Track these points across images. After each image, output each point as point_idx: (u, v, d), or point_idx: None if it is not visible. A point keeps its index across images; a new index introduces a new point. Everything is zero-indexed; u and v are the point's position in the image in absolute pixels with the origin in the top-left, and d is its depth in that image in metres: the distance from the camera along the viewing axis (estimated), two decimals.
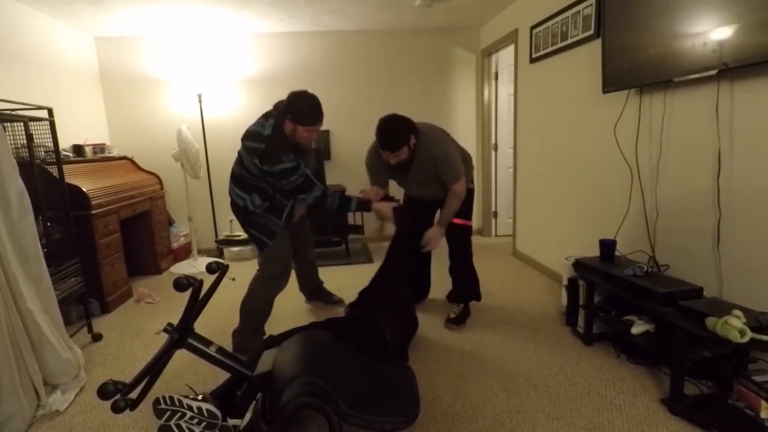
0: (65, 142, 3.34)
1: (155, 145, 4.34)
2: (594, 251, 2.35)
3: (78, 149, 3.46)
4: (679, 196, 2.10)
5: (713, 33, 1.73)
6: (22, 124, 2.32)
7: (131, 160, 4.09)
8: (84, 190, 2.88)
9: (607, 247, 2.27)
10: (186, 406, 1.46)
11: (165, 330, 1.61)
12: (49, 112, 2.43)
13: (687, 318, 1.67)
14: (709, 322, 1.56)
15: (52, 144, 2.48)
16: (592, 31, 2.63)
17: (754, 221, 1.74)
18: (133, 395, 1.46)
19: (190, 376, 2.12)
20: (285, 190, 2.18)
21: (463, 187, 2.35)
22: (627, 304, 2.10)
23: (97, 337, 2.57)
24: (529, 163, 3.68)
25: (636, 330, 2.00)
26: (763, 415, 1.54)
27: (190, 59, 4.27)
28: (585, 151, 2.85)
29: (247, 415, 1.49)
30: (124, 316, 2.94)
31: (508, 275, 3.48)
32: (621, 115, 2.43)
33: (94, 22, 3.71)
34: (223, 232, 4.52)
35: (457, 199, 2.36)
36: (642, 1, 2.07)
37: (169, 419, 1.45)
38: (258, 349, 1.85)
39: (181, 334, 1.60)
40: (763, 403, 1.53)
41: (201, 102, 4.17)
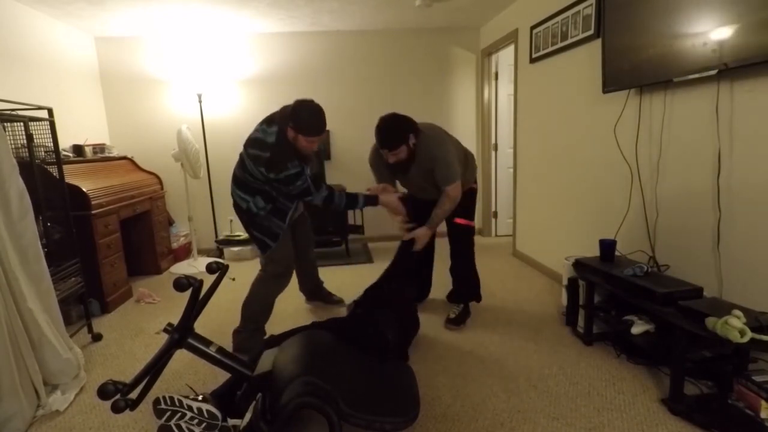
0: (65, 142, 3.34)
1: (155, 145, 4.34)
2: (594, 251, 2.35)
3: (78, 149, 3.46)
4: (679, 196, 2.10)
5: (713, 33, 1.73)
6: (22, 124, 2.32)
7: (131, 160, 4.09)
8: (84, 190, 2.89)
9: (607, 247, 2.27)
10: (186, 407, 1.46)
11: (165, 330, 1.61)
12: (49, 112, 2.43)
13: (687, 318, 1.67)
14: (709, 322, 1.56)
15: (52, 144, 2.48)
16: (592, 31, 2.63)
17: (754, 221, 1.74)
18: (133, 395, 1.47)
19: (190, 376, 2.12)
20: (291, 194, 2.19)
21: (457, 191, 2.30)
22: (627, 304, 2.10)
23: (97, 337, 2.58)
24: (529, 163, 3.68)
25: (636, 330, 2.00)
26: (763, 415, 1.54)
27: (190, 59, 4.28)
28: (585, 151, 2.85)
29: (247, 415, 1.49)
30: (124, 316, 2.94)
31: (508, 275, 3.48)
32: (621, 115, 2.43)
33: (94, 22, 3.71)
34: (223, 232, 4.53)
35: (451, 202, 2.30)
36: (642, 1, 2.07)
37: (169, 419, 1.45)
38: (258, 349, 1.86)
39: (181, 334, 1.60)
40: (763, 403, 1.53)
41: (201, 102, 4.18)
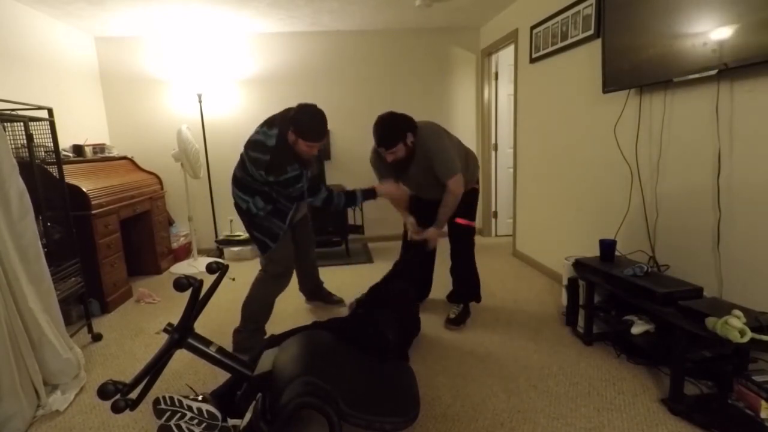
0: (65, 142, 3.34)
1: (155, 145, 4.34)
2: (594, 251, 2.35)
3: (78, 149, 3.46)
4: (679, 196, 2.10)
5: (713, 33, 1.73)
6: (22, 124, 2.32)
7: (131, 160, 4.09)
8: (84, 190, 2.89)
9: (607, 247, 2.27)
10: (186, 407, 1.46)
11: (165, 330, 1.61)
12: (49, 112, 2.43)
13: (687, 318, 1.67)
14: (709, 322, 1.56)
15: (52, 144, 2.48)
16: (592, 31, 2.63)
17: (754, 221, 1.74)
18: (133, 395, 1.47)
19: (190, 376, 2.12)
20: (292, 196, 2.19)
21: (459, 184, 2.29)
22: (627, 304, 2.09)
23: (97, 337, 2.58)
24: (529, 163, 3.68)
25: (636, 330, 2.00)
26: (763, 415, 1.54)
27: (190, 59, 4.27)
28: (585, 151, 2.85)
29: (247, 415, 1.49)
30: (124, 316, 2.94)
31: (508, 275, 3.48)
32: (621, 115, 2.43)
33: (94, 22, 3.71)
34: (223, 232, 4.53)
35: (454, 197, 2.30)
36: (642, 1, 2.07)
37: (168, 419, 1.45)
38: (258, 349, 1.86)
39: (181, 334, 1.60)
40: (763, 403, 1.53)
41: (201, 102, 4.18)
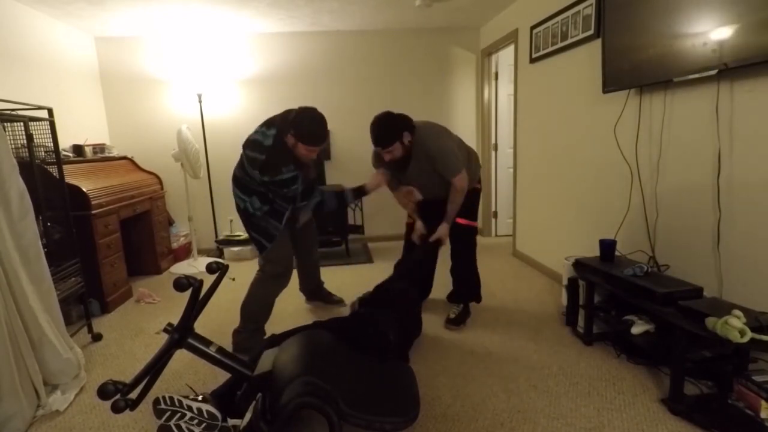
0: (65, 142, 3.34)
1: (155, 145, 4.34)
2: (594, 251, 2.35)
3: (78, 149, 3.46)
4: (679, 195, 2.10)
5: (713, 33, 1.73)
6: (22, 124, 2.32)
7: (131, 160, 4.09)
8: (84, 190, 2.89)
9: (607, 247, 2.27)
10: (186, 407, 1.46)
11: (165, 330, 1.61)
12: (49, 112, 2.43)
13: (687, 318, 1.67)
14: (709, 322, 1.56)
15: (52, 144, 2.48)
16: (592, 31, 2.63)
17: (754, 221, 1.74)
18: (133, 395, 1.47)
19: (190, 376, 2.12)
20: (286, 197, 2.20)
21: (464, 181, 2.32)
22: (627, 304, 2.09)
23: (97, 337, 2.58)
24: (529, 163, 3.68)
25: (636, 330, 2.00)
26: (763, 415, 1.54)
27: (190, 59, 4.27)
28: (585, 151, 2.85)
29: (247, 415, 1.49)
30: (124, 316, 2.94)
31: (508, 275, 3.48)
32: (621, 115, 2.43)
33: (94, 22, 3.71)
34: (223, 232, 4.53)
35: (460, 194, 2.34)
36: (642, 1, 2.07)
37: (168, 419, 1.45)
38: (258, 349, 1.85)
39: (181, 334, 1.60)
40: (763, 403, 1.53)
41: (201, 102, 4.18)
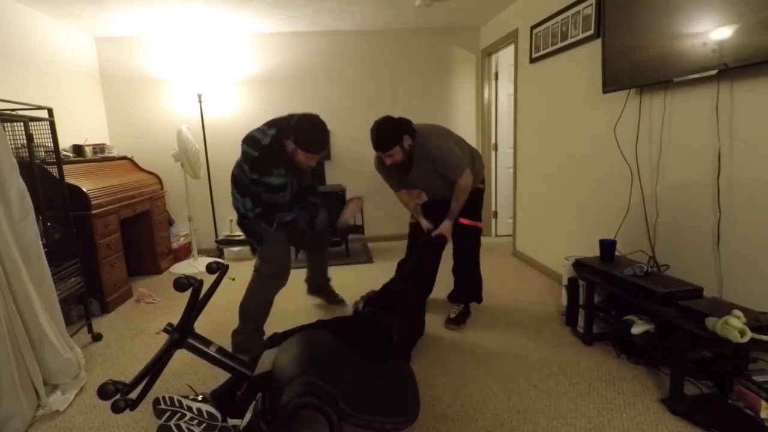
0: (65, 142, 3.34)
1: (155, 145, 4.34)
2: (594, 251, 2.35)
3: (78, 149, 3.46)
4: (679, 195, 2.10)
5: (713, 33, 1.73)
6: (22, 124, 2.32)
7: (131, 160, 4.09)
8: (84, 190, 2.88)
9: (607, 247, 2.27)
10: (186, 407, 1.46)
11: (165, 330, 1.61)
12: (49, 112, 2.43)
13: (687, 318, 1.67)
14: (709, 322, 1.56)
15: (52, 144, 2.48)
16: (592, 31, 2.63)
17: (754, 221, 1.74)
18: (133, 395, 1.47)
19: (190, 376, 2.12)
20: (273, 203, 2.20)
21: (468, 179, 2.34)
22: (627, 304, 2.09)
23: (97, 337, 2.58)
24: (529, 163, 3.68)
25: (636, 330, 2.00)
26: (763, 415, 1.54)
27: (190, 59, 4.27)
28: (585, 151, 2.85)
29: (247, 415, 1.49)
30: (124, 316, 2.94)
31: (508, 275, 3.48)
32: (621, 115, 2.43)
33: (94, 22, 3.71)
34: (223, 232, 4.52)
35: (464, 192, 2.36)
36: (642, 1, 2.07)
37: (168, 419, 1.45)
38: (258, 349, 1.85)
39: (181, 334, 1.60)
40: (763, 403, 1.53)
41: (201, 102, 4.17)
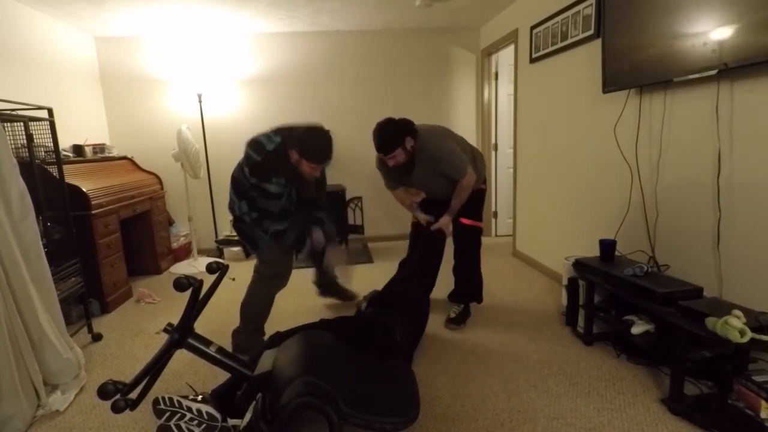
0: (65, 142, 3.34)
1: (155, 145, 4.34)
2: (594, 251, 2.35)
3: (78, 149, 3.46)
4: (679, 195, 2.10)
5: (713, 33, 1.73)
6: (22, 124, 2.32)
7: (131, 160, 4.09)
8: (84, 190, 2.88)
9: (607, 247, 2.27)
10: (186, 408, 1.46)
11: (165, 330, 1.61)
12: (49, 112, 2.43)
13: (687, 318, 1.67)
14: (709, 322, 1.56)
15: (52, 144, 2.48)
16: (592, 31, 2.63)
17: (754, 221, 1.74)
18: (133, 395, 1.47)
19: (190, 376, 2.12)
20: (266, 210, 2.18)
21: (471, 178, 2.35)
22: (627, 304, 2.09)
23: (97, 337, 2.58)
24: (529, 163, 3.68)
25: (636, 330, 2.00)
26: (763, 415, 1.54)
27: (190, 59, 4.27)
28: (585, 151, 2.85)
29: (247, 415, 1.49)
30: (124, 316, 2.94)
31: (508, 275, 3.48)
32: (621, 115, 2.43)
33: (94, 22, 3.71)
34: (223, 232, 4.52)
35: (465, 190, 2.37)
36: (642, 1, 2.07)
37: (168, 419, 1.45)
38: (258, 349, 1.85)
39: (181, 334, 1.60)
40: (763, 403, 1.53)
41: (201, 102, 4.17)
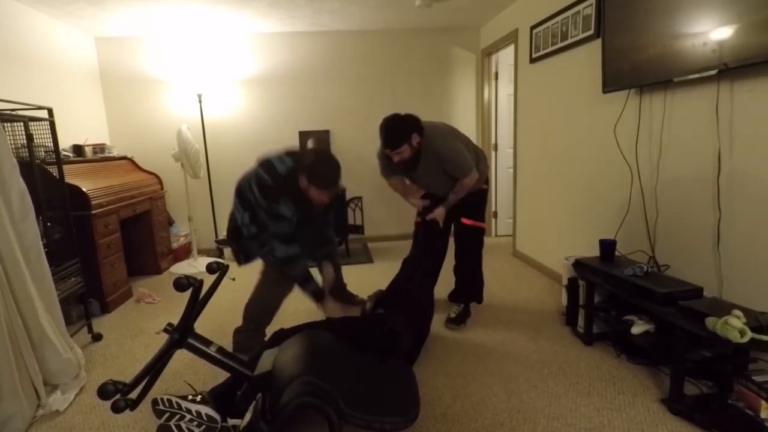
0: (65, 142, 3.34)
1: (155, 145, 4.34)
2: (594, 251, 2.35)
3: (78, 149, 3.46)
4: (679, 195, 2.10)
5: (713, 33, 1.73)
6: (22, 124, 2.32)
7: (131, 160, 4.09)
8: (84, 190, 2.88)
9: (607, 247, 2.27)
10: (185, 410, 1.46)
11: (165, 330, 1.61)
12: (49, 112, 2.43)
13: (687, 318, 1.67)
14: (709, 322, 1.56)
15: (52, 144, 2.48)
16: (592, 31, 2.63)
17: (754, 221, 1.74)
18: (133, 395, 1.47)
19: (190, 376, 2.12)
20: (272, 231, 2.13)
21: (473, 179, 2.36)
22: (627, 304, 2.09)
23: (97, 337, 2.58)
24: (529, 163, 3.68)
25: (636, 330, 2.00)
26: (763, 415, 1.54)
27: (190, 59, 4.27)
28: (585, 151, 2.85)
29: (247, 415, 1.50)
30: (124, 316, 2.94)
31: (508, 275, 3.48)
32: (621, 115, 2.43)
33: (94, 22, 3.71)
34: (223, 232, 4.51)
35: (465, 189, 2.38)
36: (642, 1, 2.07)
37: (168, 419, 1.46)
38: (259, 348, 1.85)
39: (181, 334, 1.60)
40: (763, 403, 1.53)
41: (201, 102, 4.17)
